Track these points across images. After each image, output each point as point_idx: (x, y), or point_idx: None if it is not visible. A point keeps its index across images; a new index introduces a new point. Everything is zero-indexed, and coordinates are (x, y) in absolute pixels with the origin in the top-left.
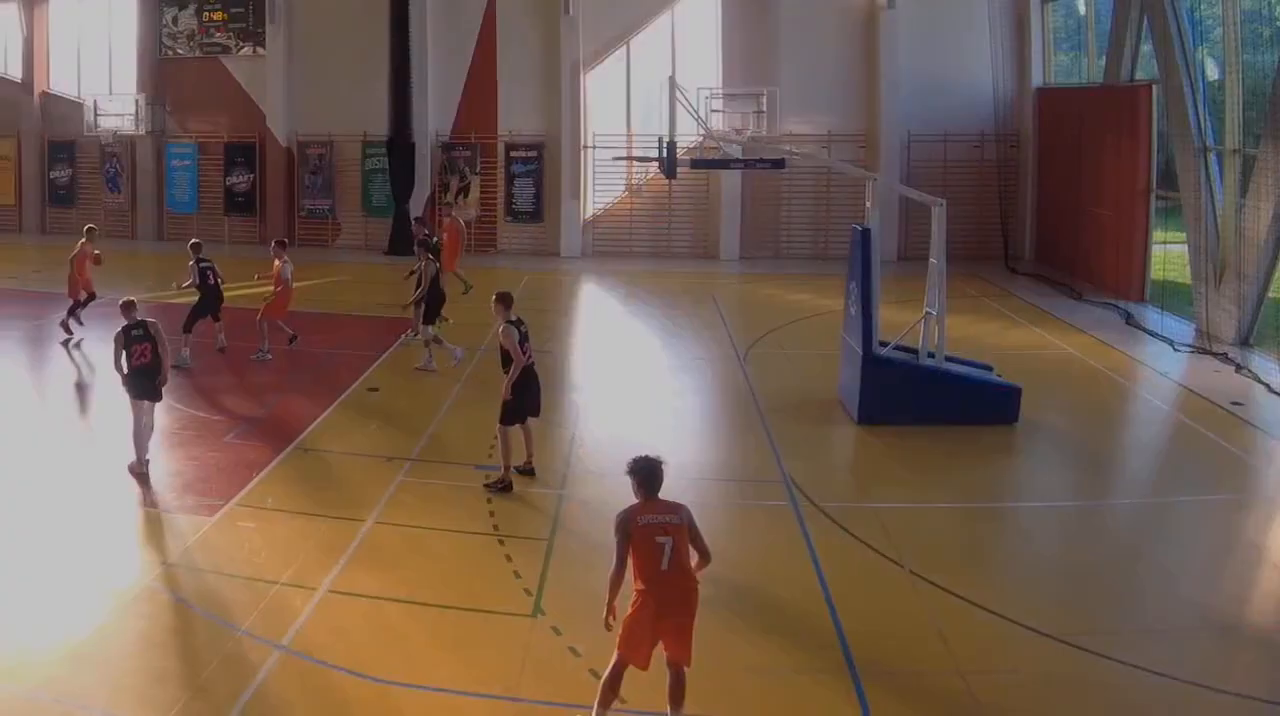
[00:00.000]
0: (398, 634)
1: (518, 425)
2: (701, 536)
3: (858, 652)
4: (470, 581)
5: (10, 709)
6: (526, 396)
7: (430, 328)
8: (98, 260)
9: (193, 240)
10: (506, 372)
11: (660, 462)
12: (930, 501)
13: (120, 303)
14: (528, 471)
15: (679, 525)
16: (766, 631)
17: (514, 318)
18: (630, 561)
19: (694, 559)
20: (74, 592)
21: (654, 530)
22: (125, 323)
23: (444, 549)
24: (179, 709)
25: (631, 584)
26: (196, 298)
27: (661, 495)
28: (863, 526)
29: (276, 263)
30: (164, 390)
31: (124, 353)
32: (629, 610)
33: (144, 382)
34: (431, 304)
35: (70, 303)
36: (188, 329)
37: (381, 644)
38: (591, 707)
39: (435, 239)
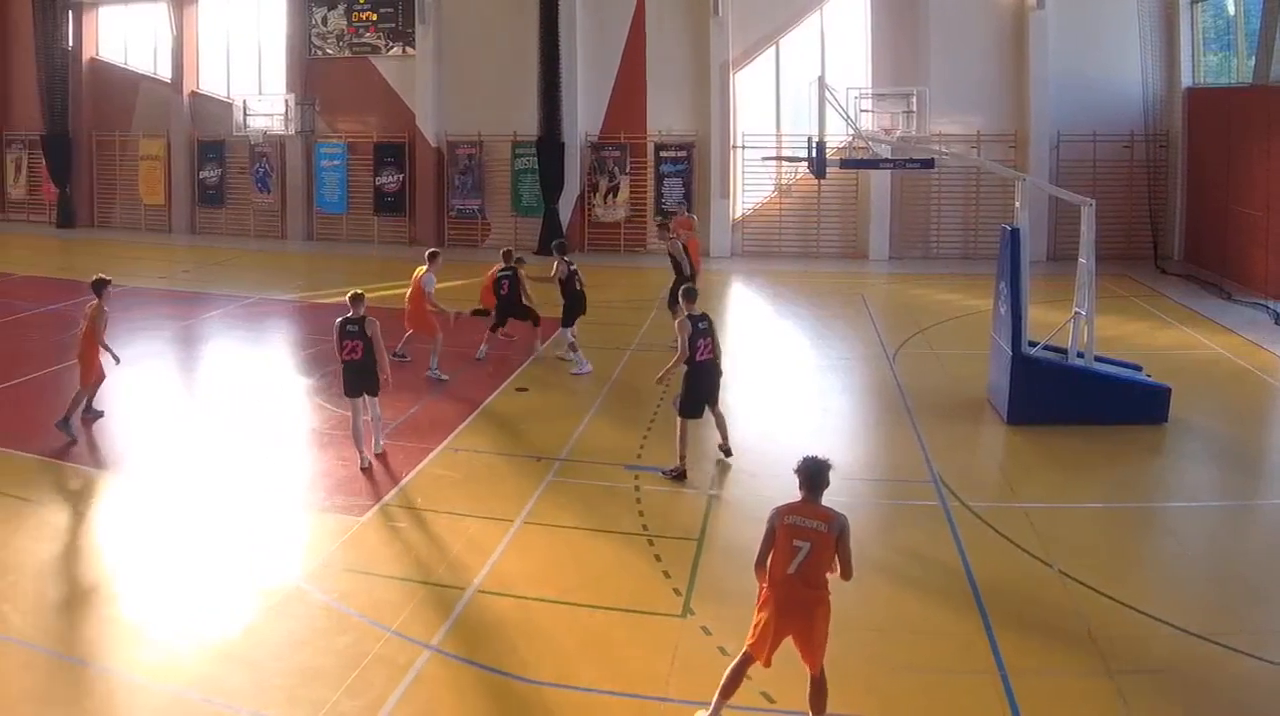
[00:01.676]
0: (546, 634)
1: (698, 418)
2: (849, 551)
3: (1007, 652)
4: (619, 581)
5: (160, 707)
6: (703, 387)
7: (569, 331)
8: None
9: (505, 248)
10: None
11: (827, 465)
12: (1079, 501)
13: (349, 295)
14: (725, 451)
15: (823, 533)
16: (915, 630)
17: (696, 313)
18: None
19: (837, 568)
20: (223, 592)
21: (795, 532)
22: (345, 316)
23: (593, 549)
24: (328, 708)
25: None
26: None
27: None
28: (1011, 526)
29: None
30: (315, 389)
31: (338, 346)
32: (757, 603)
33: (353, 378)
34: (572, 307)
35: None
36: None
37: (530, 643)
38: (710, 702)
39: (684, 244)
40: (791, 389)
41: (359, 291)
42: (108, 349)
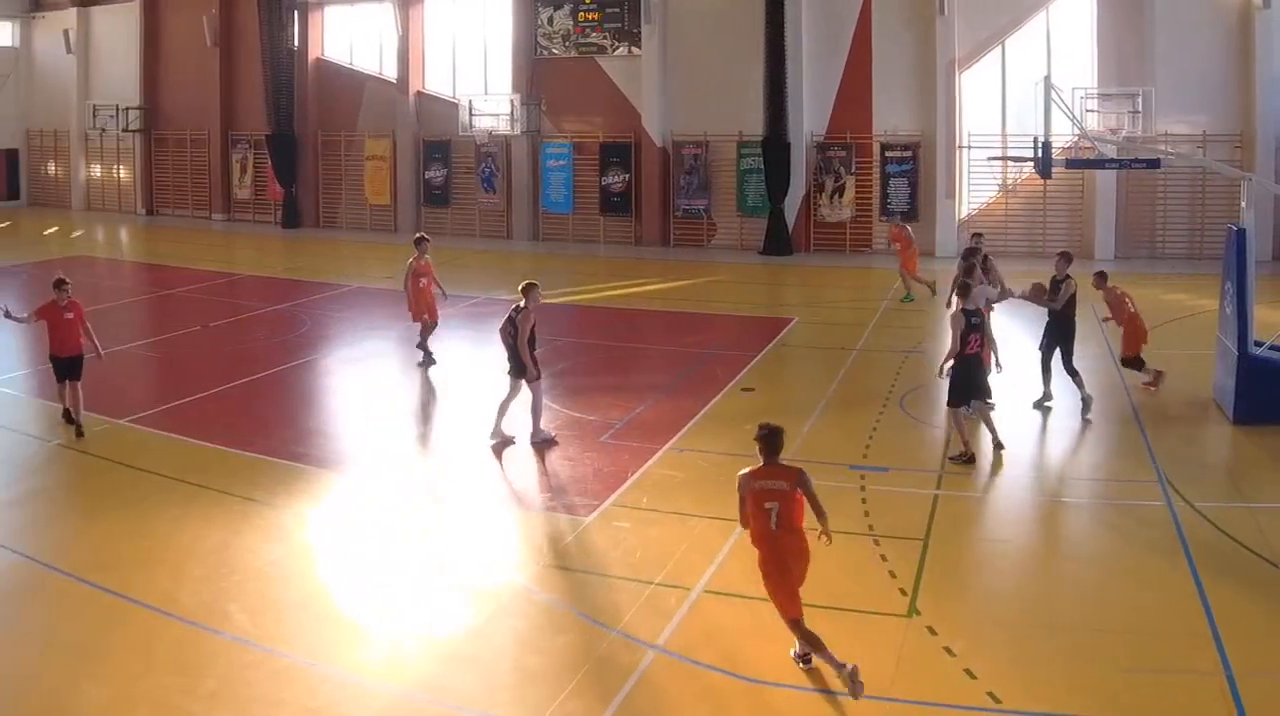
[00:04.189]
0: (772, 633)
1: (964, 408)
2: (816, 497)
3: (1232, 653)
4: (844, 581)
5: (386, 708)
6: (971, 379)
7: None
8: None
9: (970, 247)
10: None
11: (780, 430)
12: None
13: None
14: (996, 445)
15: (786, 491)
16: (1140, 630)
17: (971, 307)
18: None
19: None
20: (449, 593)
21: (763, 496)
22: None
23: (818, 548)
24: (554, 708)
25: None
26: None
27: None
28: (1238, 526)
29: None
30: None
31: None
32: (759, 569)
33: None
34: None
35: None
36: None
37: (756, 643)
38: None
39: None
40: (1017, 389)
41: (528, 282)
42: (438, 284)
